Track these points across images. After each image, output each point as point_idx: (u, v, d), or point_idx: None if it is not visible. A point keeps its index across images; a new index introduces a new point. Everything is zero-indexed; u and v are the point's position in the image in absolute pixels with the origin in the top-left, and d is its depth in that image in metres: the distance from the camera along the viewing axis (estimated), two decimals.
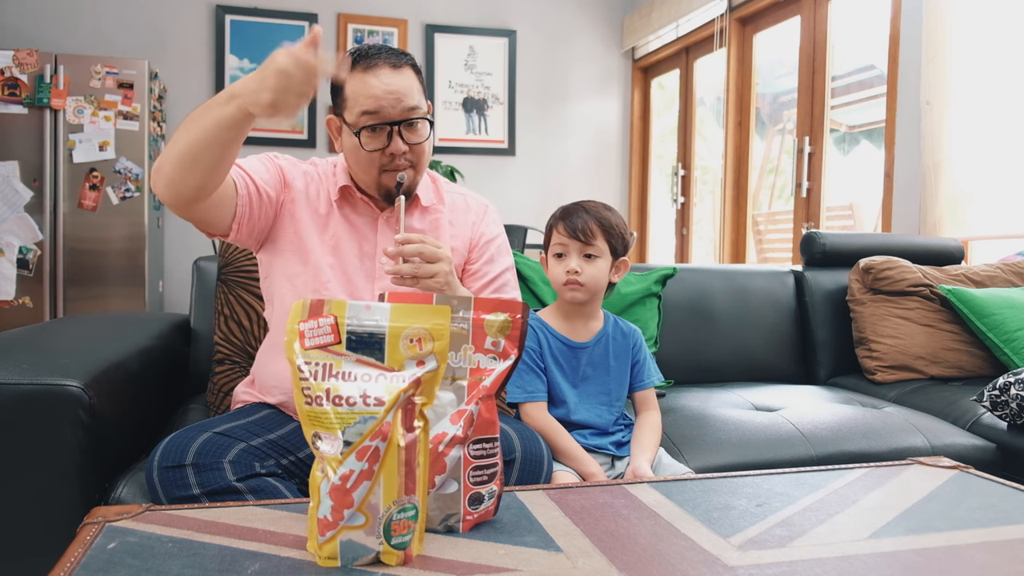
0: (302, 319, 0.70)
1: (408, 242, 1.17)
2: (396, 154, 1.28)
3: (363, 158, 1.29)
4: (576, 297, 1.44)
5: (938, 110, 2.68)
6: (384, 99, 1.25)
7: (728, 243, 4.05)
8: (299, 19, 4.51)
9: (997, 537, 0.77)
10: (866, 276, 2.23)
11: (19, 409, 1.12)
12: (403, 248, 1.17)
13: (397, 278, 1.17)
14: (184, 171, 1.13)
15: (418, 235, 1.21)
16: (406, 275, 1.17)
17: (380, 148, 1.27)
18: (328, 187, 1.38)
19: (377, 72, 1.26)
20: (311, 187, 1.38)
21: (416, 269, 1.17)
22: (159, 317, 1.89)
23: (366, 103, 1.25)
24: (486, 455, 0.80)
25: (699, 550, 0.72)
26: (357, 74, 1.27)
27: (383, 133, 1.27)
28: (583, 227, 1.40)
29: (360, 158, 1.30)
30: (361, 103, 1.26)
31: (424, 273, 1.17)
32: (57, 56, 3.56)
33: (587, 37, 4.97)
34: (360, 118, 1.26)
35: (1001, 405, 1.67)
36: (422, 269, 1.17)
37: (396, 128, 1.27)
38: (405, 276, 1.17)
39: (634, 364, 1.50)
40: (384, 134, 1.27)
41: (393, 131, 1.27)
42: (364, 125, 1.26)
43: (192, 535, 0.71)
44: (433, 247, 1.18)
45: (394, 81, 1.27)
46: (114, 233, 3.66)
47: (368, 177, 1.32)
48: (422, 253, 1.17)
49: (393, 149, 1.27)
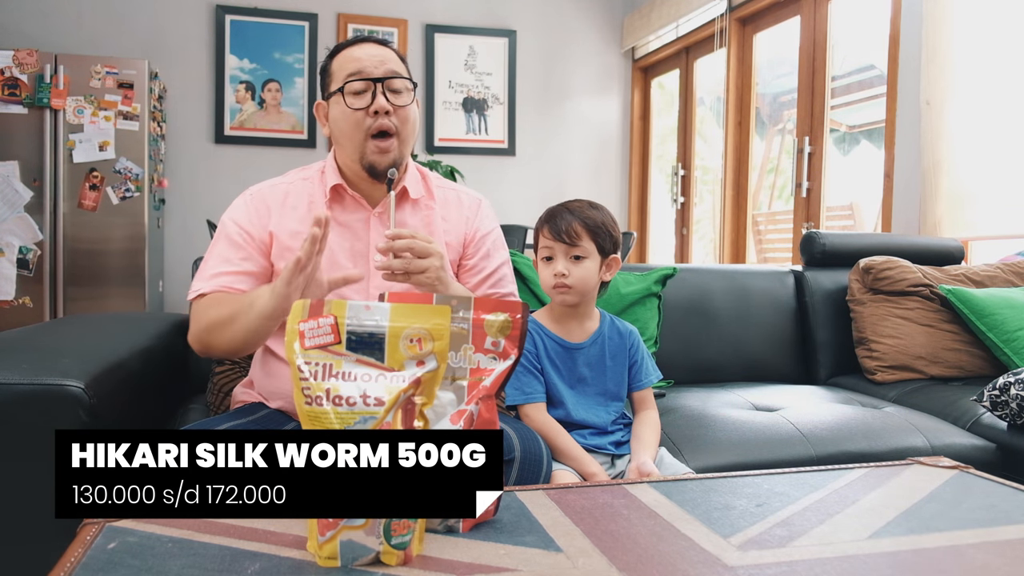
0: (302, 319, 0.70)
1: (398, 237, 1.17)
2: (380, 111, 1.29)
3: (349, 123, 1.30)
4: (566, 300, 1.43)
5: (938, 110, 2.68)
6: (367, 60, 1.31)
7: (728, 243, 4.05)
8: (299, 19, 4.51)
9: (997, 537, 0.77)
10: (866, 276, 2.23)
11: (19, 409, 1.12)
12: (393, 244, 1.17)
13: (388, 274, 1.18)
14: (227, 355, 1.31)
15: (408, 230, 1.21)
16: (397, 270, 1.17)
17: (364, 107, 1.29)
18: (312, 191, 1.38)
19: (361, 45, 1.34)
20: (290, 199, 1.36)
21: (407, 264, 1.17)
22: (159, 317, 1.89)
23: (351, 65, 1.31)
24: None
25: (699, 550, 0.72)
26: (343, 52, 1.35)
27: (367, 93, 1.30)
28: (567, 229, 1.39)
29: (346, 124, 1.31)
30: (346, 68, 1.32)
31: (415, 268, 1.17)
32: (57, 56, 3.56)
33: (587, 37, 4.97)
34: (345, 79, 1.31)
35: (1001, 405, 1.67)
36: (413, 264, 1.17)
37: (380, 86, 1.30)
38: (396, 271, 1.17)
39: (632, 364, 1.50)
40: (368, 93, 1.30)
41: (376, 89, 1.30)
42: (348, 81, 1.30)
43: (192, 535, 0.71)
44: (424, 242, 1.19)
45: (376, 50, 1.34)
46: (114, 233, 3.66)
47: (353, 147, 1.31)
48: (412, 248, 1.17)
49: (377, 106, 1.29)
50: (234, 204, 1.37)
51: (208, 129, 4.41)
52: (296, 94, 4.52)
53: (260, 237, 1.33)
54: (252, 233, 1.33)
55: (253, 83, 4.46)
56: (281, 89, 4.50)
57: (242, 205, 1.36)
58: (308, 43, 4.52)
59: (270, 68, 4.49)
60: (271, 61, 4.49)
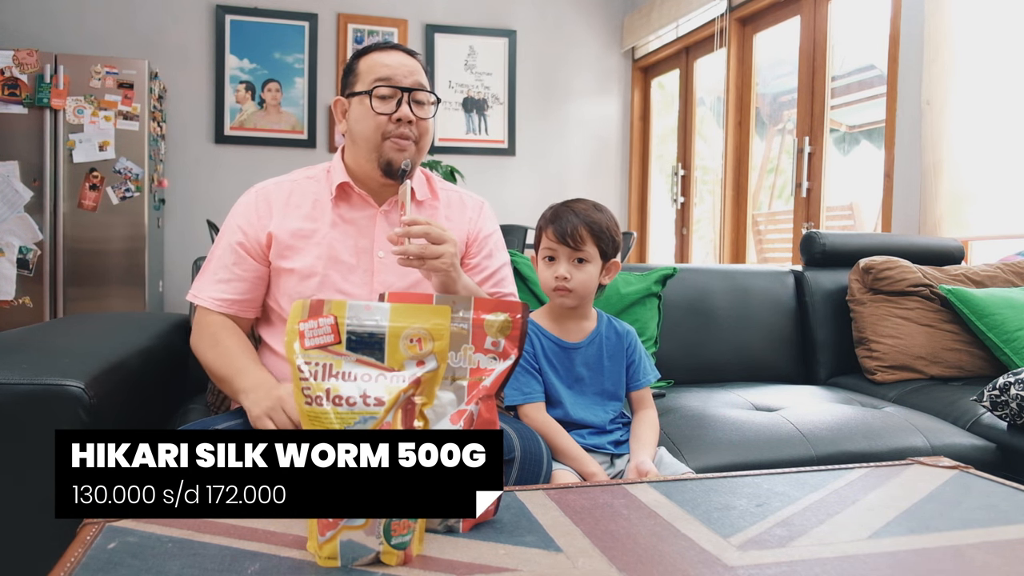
0: (302, 319, 0.70)
1: (414, 223, 1.19)
2: (403, 120, 1.32)
3: (370, 124, 1.33)
4: (565, 303, 1.44)
5: (938, 110, 2.67)
6: (398, 69, 1.34)
7: (728, 243, 4.05)
8: (299, 19, 4.51)
9: (997, 537, 0.77)
10: (866, 276, 2.23)
11: (19, 409, 1.12)
12: (410, 229, 1.18)
13: (404, 259, 1.19)
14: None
15: (424, 218, 1.22)
16: (412, 255, 1.18)
17: (389, 113, 1.32)
18: (317, 190, 1.40)
19: (391, 52, 1.37)
20: (294, 197, 1.39)
21: (423, 249, 1.18)
22: (159, 317, 1.89)
23: (381, 71, 1.34)
24: None
25: (699, 550, 0.72)
26: (372, 55, 1.37)
27: (393, 100, 1.33)
28: (573, 232, 1.39)
29: (367, 125, 1.33)
30: (376, 71, 1.34)
31: (431, 254, 1.18)
32: (57, 56, 3.56)
33: (587, 37, 4.97)
34: (373, 83, 1.33)
35: (1001, 405, 1.67)
36: (429, 250, 1.18)
37: (407, 95, 1.33)
38: (411, 256, 1.18)
39: (629, 364, 1.50)
40: (394, 100, 1.33)
41: (403, 98, 1.33)
42: (377, 86, 1.32)
43: (192, 535, 0.71)
44: (439, 229, 1.20)
45: (407, 60, 1.37)
46: (114, 233, 3.66)
47: (370, 145, 1.34)
48: (428, 234, 1.19)
49: (401, 114, 1.32)
50: (241, 201, 1.41)
51: (208, 129, 4.41)
52: (296, 94, 4.52)
53: (257, 239, 1.36)
54: (250, 236, 1.36)
55: (253, 83, 4.46)
56: (281, 89, 4.50)
57: (248, 204, 1.39)
58: (308, 43, 4.52)
59: (270, 68, 4.49)
60: (271, 61, 4.49)
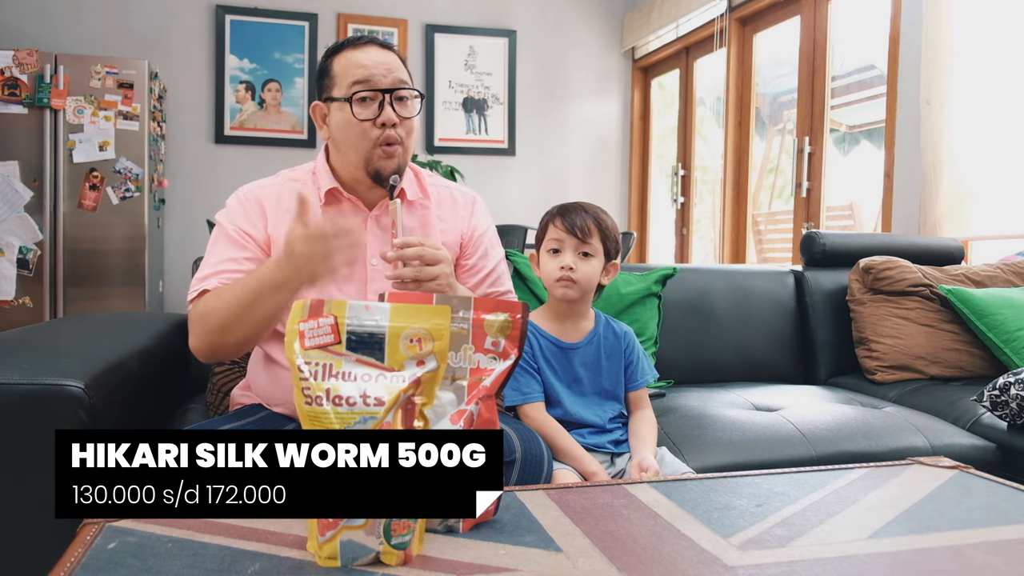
0: (302, 319, 0.70)
1: (407, 245, 1.16)
2: (388, 123, 1.26)
3: (354, 132, 1.27)
4: (568, 294, 1.43)
5: (938, 110, 2.67)
6: (375, 68, 1.26)
7: (728, 243, 4.05)
8: (299, 19, 4.51)
9: (997, 537, 0.77)
10: (866, 276, 2.23)
11: (19, 409, 1.12)
12: (403, 252, 1.16)
13: (399, 283, 1.17)
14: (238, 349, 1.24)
15: (416, 238, 1.20)
16: (407, 279, 1.16)
17: (372, 118, 1.26)
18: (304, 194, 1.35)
19: (365, 49, 1.29)
20: (283, 201, 1.32)
21: (417, 272, 1.16)
22: (159, 317, 1.89)
23: (357, 72, 1.26)
24: None
25: (699, 550, 0.72)
26: (345, 53, 1.29)
27: (374, 103, 1.26)
28: (582, 224, 1.41)
29: (351, 133, 1.27)
30: (352, 74, 1.26)
31: (425, 276, 1.16)
32: (57, 56, 3.56)
33: (587, 37, 4.97)
34: (351, 88, 1.26)
35: (1001, 405, 1.67)
36: (423, 272, 1.16)
37: (388, 97, 1.26)
38: (407, 280, 1.16)
39: (627, 364, 1.50)
40: (376, 103, 1.26)
41: (385, 100, 1.26)
42: (356, 92, 1.25)
43: (192, 535, 0.71)
44: (432, 249, 1.18)
45: (383, 56, 1.29)
46: (114, 233, 3.66)
47: (358, 155, 1.28)
48: (422, 256, 1.16)
49: (385, 118, 1.25)
50: (228, 207, 1.33)
51: (208, 129, 4.41)
52: (296, 94, 4.52)
53: (260, 237, 1.30)
54: (252, 234, 1.30)
55: (253, 83, 4.46)
56: (281, 89, 4.50)
57: (237, 206, 1.32)
58: (308, 43, 4.52)
59: (270, 68, 4.49)
60: (271, 61, 4.49)
